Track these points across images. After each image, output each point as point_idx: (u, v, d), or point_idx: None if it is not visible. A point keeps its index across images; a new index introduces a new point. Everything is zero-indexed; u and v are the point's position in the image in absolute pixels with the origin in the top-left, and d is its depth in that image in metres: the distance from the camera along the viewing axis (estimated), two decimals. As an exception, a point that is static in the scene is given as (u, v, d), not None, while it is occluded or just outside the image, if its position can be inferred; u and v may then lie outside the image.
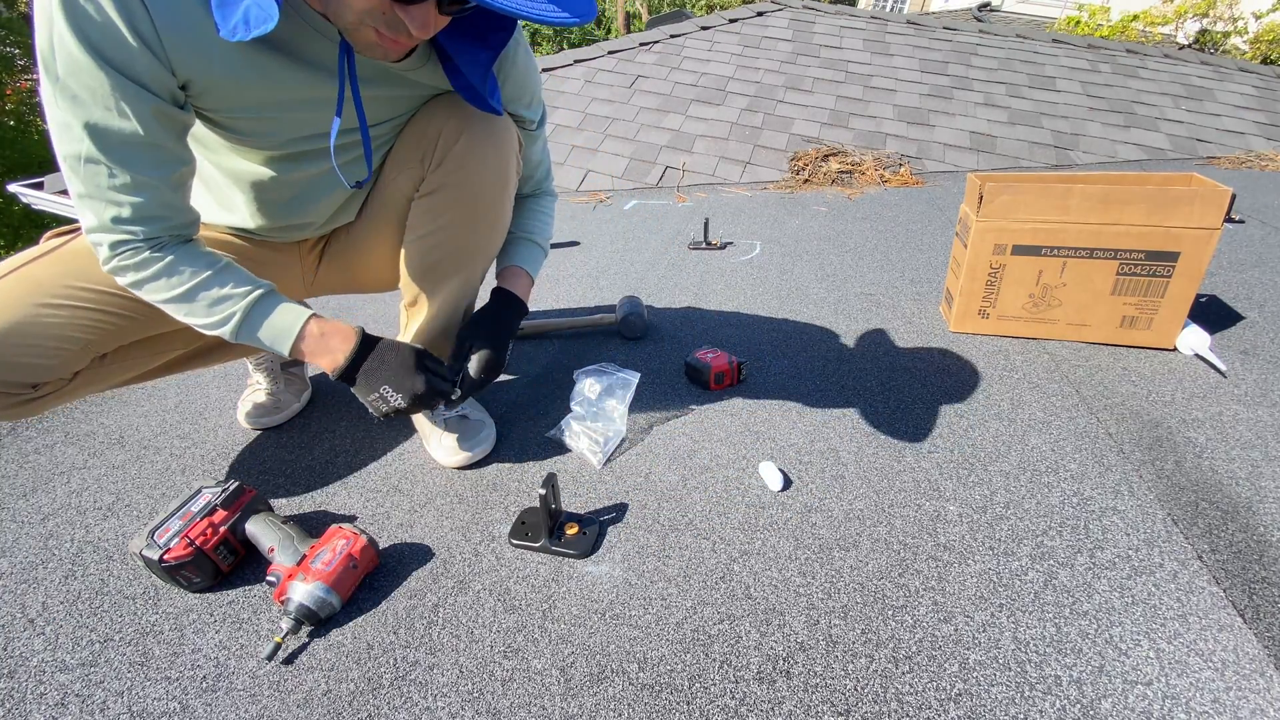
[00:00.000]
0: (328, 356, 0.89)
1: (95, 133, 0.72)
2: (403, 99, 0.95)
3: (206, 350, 1.10)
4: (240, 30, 0.66)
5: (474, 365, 0.99)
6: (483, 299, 1.10)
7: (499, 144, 0.99)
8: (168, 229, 0.82)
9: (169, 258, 0.81)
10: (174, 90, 0.75)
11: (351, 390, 0.92)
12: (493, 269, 1.15)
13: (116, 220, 0.78)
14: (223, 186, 0.95)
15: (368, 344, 0.90)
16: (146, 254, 0.80)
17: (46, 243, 0.93)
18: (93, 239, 0.80)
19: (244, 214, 0.98)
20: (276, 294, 0.89)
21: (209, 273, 0.83)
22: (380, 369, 0.89)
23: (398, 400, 0.89)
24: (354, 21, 0.71)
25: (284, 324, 0.87)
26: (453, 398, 0.96)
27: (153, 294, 0.83)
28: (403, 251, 1.07)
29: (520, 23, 0.88)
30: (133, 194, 0.77)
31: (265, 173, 0.93)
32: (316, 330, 0.88)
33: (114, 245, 0.80)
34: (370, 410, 0.91)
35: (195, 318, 0.85)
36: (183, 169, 0.81)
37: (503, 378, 1.43)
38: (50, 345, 0.85)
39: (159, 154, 0.77)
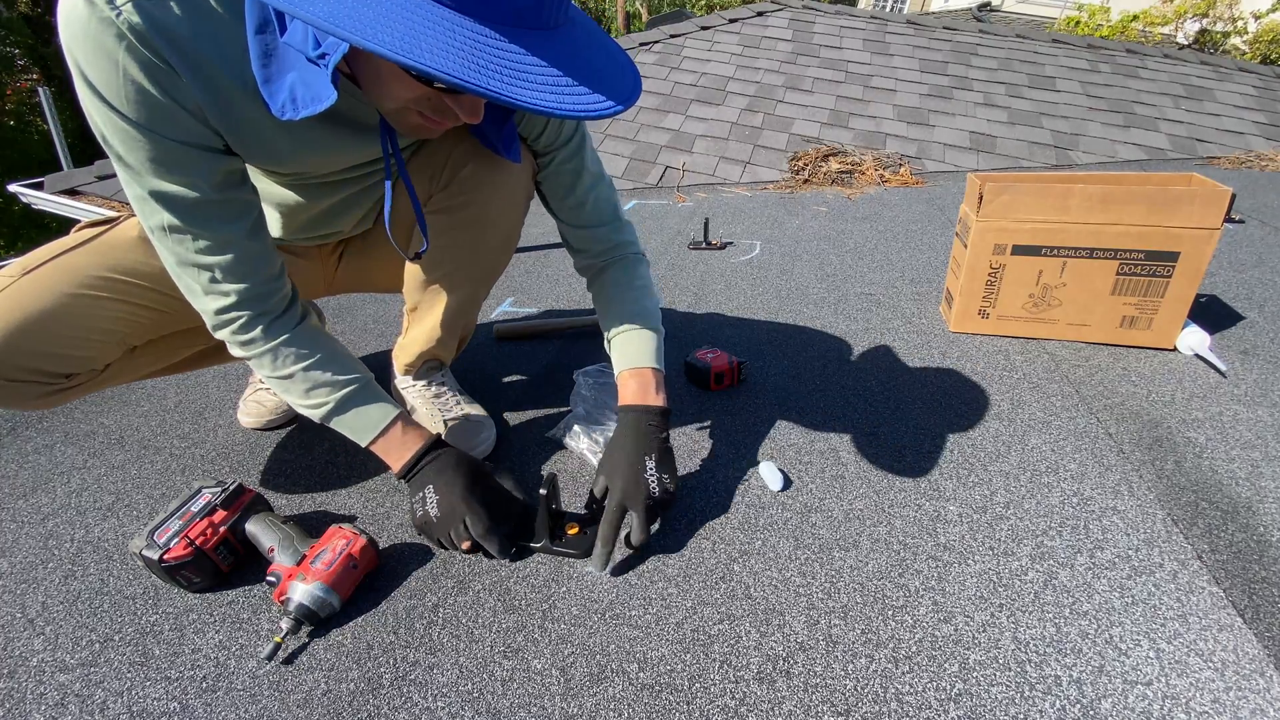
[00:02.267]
0: (400, 452, 0.91)
1: (167, 201, 0.73)
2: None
3: None
4: (289, 110, 0.66)
5: (635, 533, 0.89)
6: (486, 301, 1.09)
7: (508, 169, 0.97)
8: (260, 284, 0.82)
9: (273, 343, 0.84)
10: (217, 140, 0.74)
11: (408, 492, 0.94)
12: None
13: (213, 282, 0.80)
14: None
15: (439, 446, 0.92)
16: (251, 334, 0.83)
17: (80, 232, 0.92)
18: (197, 305, 0.82)
19: (272, 227, 0.99)
20: (370, 387, 0.91)
21: (309, 360, 0.86)
22: (436, 469, 0.90)
23: (432, 505, 0.89)
24: (398, 109, 0.70)
25: (372, 420, 0.90)
26: (534, 544, 0.92)
27: (257, 369, 0.87)
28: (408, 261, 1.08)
29: None
30: (217, 254, 0.78)
31: (294, 197, 0.94)
32: (400, 431, 0.91)
33: (219, 311, 0.82)
34: (411, 519, 0.92)
35: (290, 396, 0.88)
36: (255, 216, 0.82)
37: (504, 378, 1.43)
38: (86, 336, 0.86)
39: (230, 208, 0.78)
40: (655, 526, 0.94)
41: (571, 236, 1.06)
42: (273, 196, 0.94)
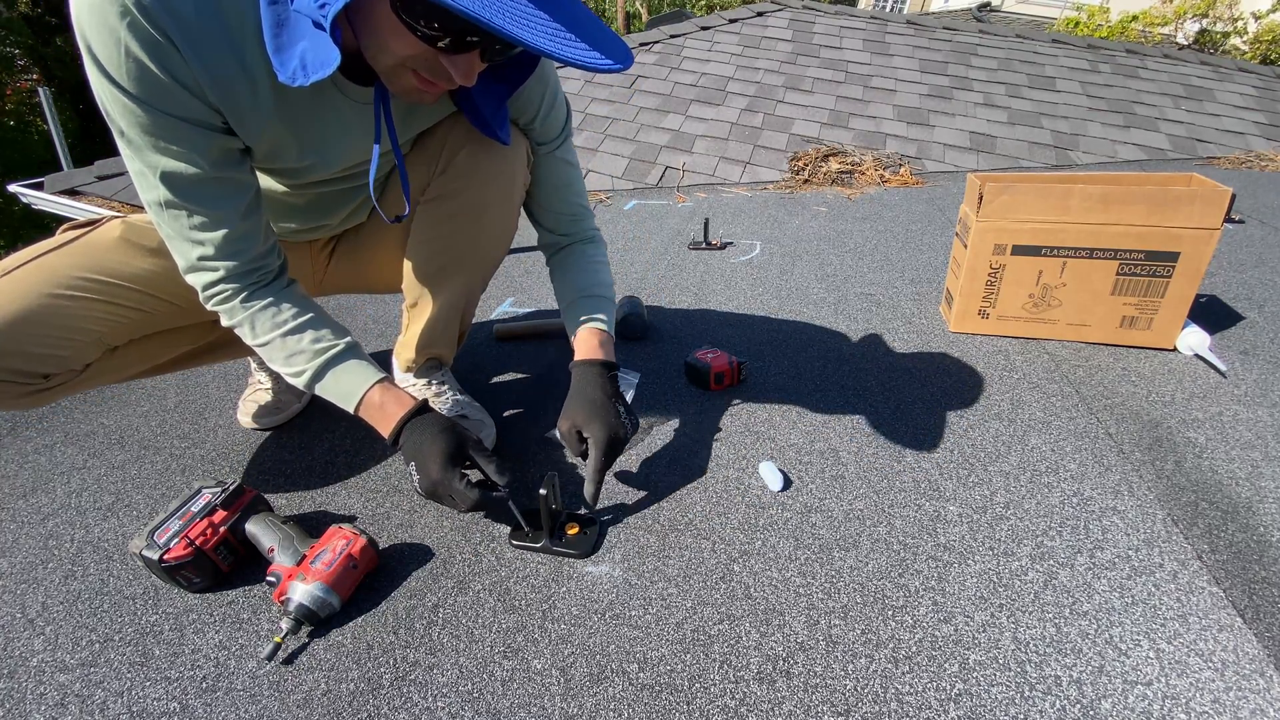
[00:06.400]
0: (384, 424, 0.90)
1: (165, 177, 0.74)
2: (415, 127, 0.97)
3: (216, 346, 1.11)
4: (299, 75, 0.67)
5: (592, 457, 0.93)
6: (486, 301, 1.09)
7: (504, 154, 0.98)
8: (249, 261, 0.84)
9: (254, 308, 0.85)
10: (216, 118, 0.75)
11: None
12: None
13: (202, 259, 0.81)
14: None
15: (417, 417, 0.90)
16: (235, 303, 0.84)
17: (63, 234, 0.93)
18: (188, 280, 0.84)
19: None
20: (349, 353, 0.90)
21: (289, 326, 0.86)
22: (413, 445, 0.89)
23: (415, 482, 0.90)
24: (394, 66, 0.70)
25: (348, 388, 0.89)
26: (498, 494, 0.91)
27: (243, 337, 0.87)
28: (407, 254, 1.08)
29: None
30: (210, 230, 0.79)
31: (284, 189, 0.95)
32: (378, 398, 0.89)
33: (205, 287, 0.83)
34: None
35: (276, 365, 0.88)
36: (250, 196, 0.83)
37: (504, 378, 1.43)
38: (63, 336, 0.86)
39: (225, 187, 0.79)
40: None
41: (544, 218, 1.11)
42: (262, 187, 0.94)
